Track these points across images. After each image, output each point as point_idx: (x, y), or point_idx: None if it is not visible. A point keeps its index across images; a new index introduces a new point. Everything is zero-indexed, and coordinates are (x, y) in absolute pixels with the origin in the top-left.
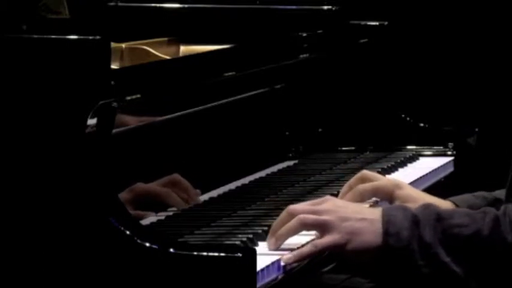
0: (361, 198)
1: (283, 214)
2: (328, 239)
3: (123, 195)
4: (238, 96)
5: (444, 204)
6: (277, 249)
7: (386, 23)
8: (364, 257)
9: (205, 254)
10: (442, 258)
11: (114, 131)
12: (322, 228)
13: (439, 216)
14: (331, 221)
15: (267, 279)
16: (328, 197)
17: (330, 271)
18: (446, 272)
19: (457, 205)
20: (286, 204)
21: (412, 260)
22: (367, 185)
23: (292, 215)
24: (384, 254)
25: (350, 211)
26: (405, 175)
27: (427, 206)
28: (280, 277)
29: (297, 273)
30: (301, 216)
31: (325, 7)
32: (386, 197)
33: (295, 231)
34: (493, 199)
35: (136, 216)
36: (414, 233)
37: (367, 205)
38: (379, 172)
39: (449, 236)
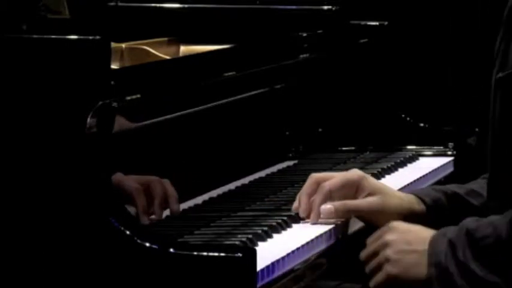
0: (331, 194)
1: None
2: (383, 275)
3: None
4: (238, 96)
5: (407, 197)
6: None
7: (386, 23)
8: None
9: (205, 254)
10: (478, 273)
11: (114, 131)
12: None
13: (468, 232)
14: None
15: (267, 279)
16: (394, 223)
17: (321, 277)
18: (487, 285)
19: (420, 198)
20: (286, 204)
21: (453, 282)
22: (334, 180)
23: None
24: (427, 282)
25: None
26: (405, 175)
27: (461, 226)
28: (280, 277)
29: (298, 273)
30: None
31: (325, 7)
32: (352, 189)
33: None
34: (451, 193)
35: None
36: (451, 256)
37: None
38: (379, 172)
39: (478, 250)
